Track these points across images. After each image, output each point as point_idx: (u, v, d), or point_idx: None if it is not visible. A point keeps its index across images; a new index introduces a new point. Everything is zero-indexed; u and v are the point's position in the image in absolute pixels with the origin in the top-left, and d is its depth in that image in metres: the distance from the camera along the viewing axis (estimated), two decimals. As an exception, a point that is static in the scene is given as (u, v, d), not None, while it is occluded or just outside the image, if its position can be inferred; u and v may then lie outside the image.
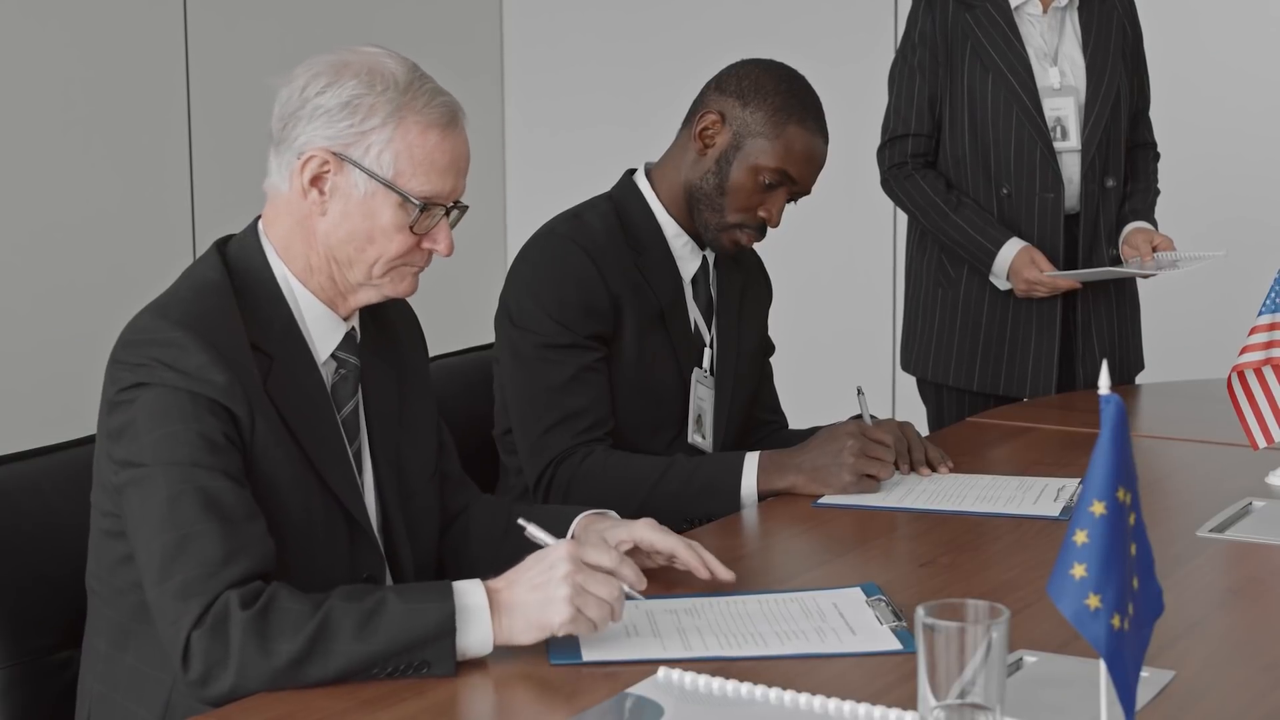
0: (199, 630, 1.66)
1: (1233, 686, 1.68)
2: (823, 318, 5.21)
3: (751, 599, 1.93)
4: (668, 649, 1.76)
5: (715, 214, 2.49)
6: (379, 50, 1.89)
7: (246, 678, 1.65)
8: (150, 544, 1.71)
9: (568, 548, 1.75)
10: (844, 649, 1.77)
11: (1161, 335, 3.86)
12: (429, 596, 1.69)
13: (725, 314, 2.63)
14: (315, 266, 1.89)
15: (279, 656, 1.64)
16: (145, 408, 1.75)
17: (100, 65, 4.47)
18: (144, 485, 1.73)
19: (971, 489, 2.44)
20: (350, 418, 1.93)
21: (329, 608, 1.66)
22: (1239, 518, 2.29)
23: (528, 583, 1.72)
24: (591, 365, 2.44)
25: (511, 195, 5.75)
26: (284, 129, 1.86)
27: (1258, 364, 2.46)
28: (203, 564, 1.68)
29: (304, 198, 1.85)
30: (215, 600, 1.67)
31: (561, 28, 5.61)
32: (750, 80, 2.49)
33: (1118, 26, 3.37)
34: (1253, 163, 4.69)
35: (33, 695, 1.93)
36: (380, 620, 1.66)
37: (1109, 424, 1.30)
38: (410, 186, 1.85)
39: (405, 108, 1.84)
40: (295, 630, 1.65)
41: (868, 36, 5.08)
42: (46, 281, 4.36)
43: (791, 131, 2.46)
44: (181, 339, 1.76)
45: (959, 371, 3.38)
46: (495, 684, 1.69)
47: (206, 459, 1.73)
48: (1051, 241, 3.29)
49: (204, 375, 1.75)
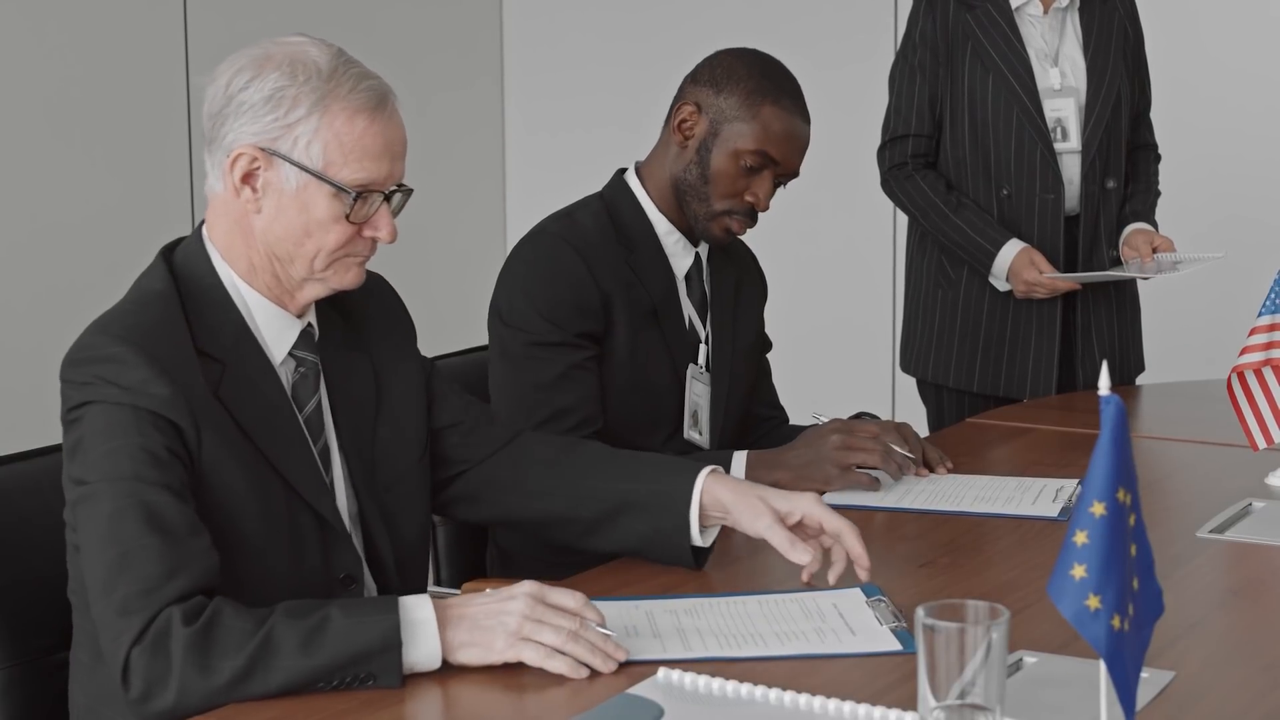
0: (139, 647, 1.64)
1: (1232, 687, 1.68)
2: (823, 318, 5.21)
3: (751, 599, 1.93)
4: (667, 649, 1.75)
5: (702, 203, 2.50)
6: (302, 39, 1.86)
7: (187, 695, 1.63)
8: (94, 560, 1.70)
9: (532, 587, 1.72)
10: (844, 650, 1.76)
11: (1161, 336, 3.86)
12: (373, 611, 1.66)
13: (720, 310, 2.63)
14: (258, 266, 1.86)
15: (220, 674, 1.62)
16: (91, 425, 1.74)
17: (100, 65, 4.47)
18: (90, 502, 1.72)
19: (970, 489, 2.44)
20: (314, 416, 1.90)
21: (272, 624, 1.64)
22: (1239, 518, 2.29)
23: (482, 607, 1.71)
24: (581, 364, 2.44)
25: (511, 196, 5.75)
26: (213, 128, 1.83)
27: (1258, 365, 2.46)
28: (142, 580, 1.66)
29: (237, 196, 1.83)
30: (156, 617, 1.65)
31: (561, 29, 5.61)
32: (723, 68, 2.50)
33: (1119, 27, 3.37)
34: (1253, 163, 4.69)
35: (32, 696, 1.93)
36: (324, 635, 1.64)
37: (1109, 425, 1.30)
38: (342, 176, 1.81)
39: (330, 95, 1.80)
40: (238, 648, 1.63)
41: (868, 37, 5.09)
42: (46, 281, 4.36)
43: (767, 112, 2.46)
44: (121, 354, 1.74)
45: (959, 372, 3.38)
46: (495, 684, 1.69)
47: (149, 474, 1.71)
48: (1051, 243, 3.29)
49: (145, 389, 1.73)
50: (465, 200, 5.61)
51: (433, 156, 5.50)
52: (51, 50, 4.36)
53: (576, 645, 1.69)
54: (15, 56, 4.28)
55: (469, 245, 5.47)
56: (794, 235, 5.20)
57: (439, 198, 5.50)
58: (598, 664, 1.69)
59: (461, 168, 5.61)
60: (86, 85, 4.44)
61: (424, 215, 5.43)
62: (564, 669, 1.68)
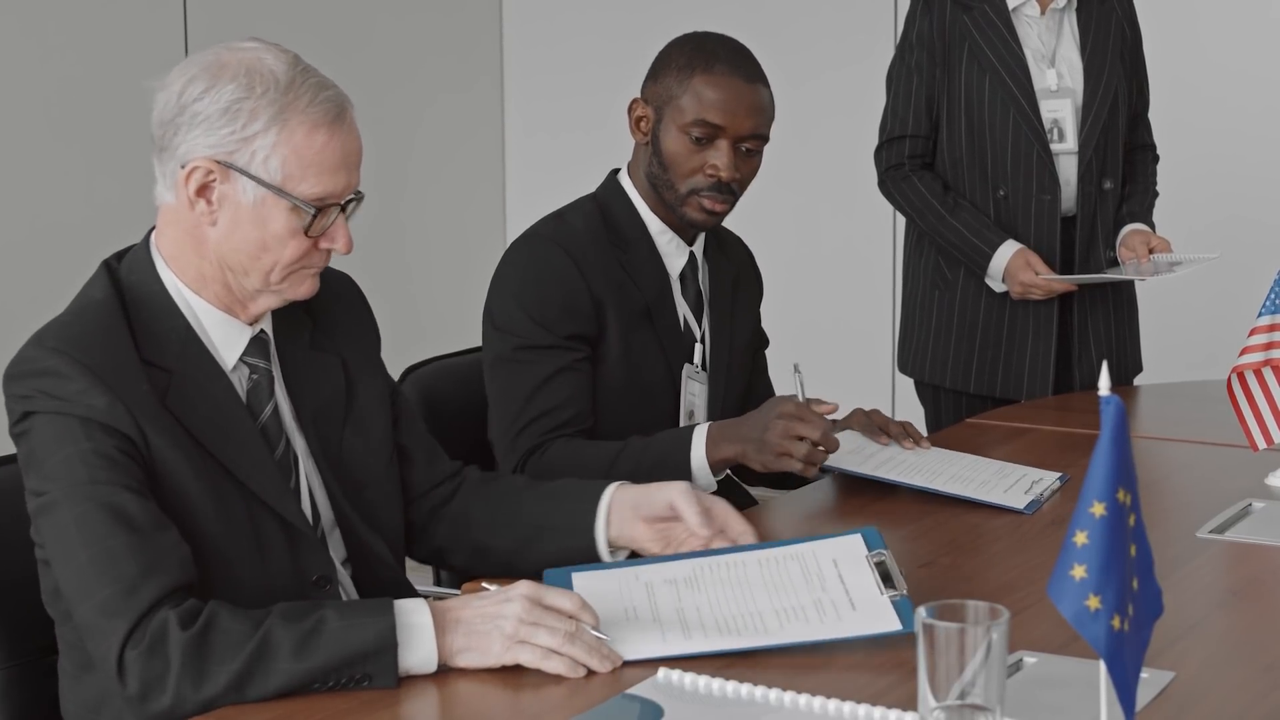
0: (135, 650, 1.64)
1: (1232, 687, 1.68)
2: (823, 318, 5.21)
3: (750, 558, 1.95)
4: (667, 641, 1.75)
5: (670, 190, 2.50)
6: (257, 45, 1.82)
7: (183, 699, 1.63)
8: (67, 567, 1.70)
9: (528, 589, 1.72)
10: (843, 632, 1.75)
11: (1160, 337, 3.86)
12: (368, 614, 1.67)
13: (717, 309, 2.63)
14: (208, 276, 1.84)
15: (217, 679, 1.63)
16: (39, 436, 1.73)
17: (100, 65, 4.47)
18: (52, 511, 1.71)
19: (950, 466, 2.47)
20: (272, 421, 1.89)
21: (268, 628, 1.64)
22: (1239, 519, 2.29)
23: (479, 610, 1.71)
24: (570, 366, 2.44)
25: (511, 198, 5.75)
26: (164, 136, 1.80)
27: (1257, 365, 2.46)
28: (120, 579, 1.66)
29: (191, 209, 1.80)
30: (145, 617, 1.65)
31: (561, 30, 5.61)
32: (659, 56, 2.54)
33: (1116, 28, 3.37)
34: (1252, 163, 4.70)
35: (32, 696, 1.93)
36: (319, 639, 1.64)
37: (1109, 425, 1.30)
38: (300, 190, 1.78)
39: (288, 109, 1.76)
40: (235, 653, 1.63)
41: (868, 38, 5.09)
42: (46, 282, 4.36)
43: (698, 81, 2.46)
44: (57, 365, 1.73)
45: (955, 373, 3.38)
46: (493, 684, 1.69)
47: (105, 475, 1.70)
48: (1048, 244, 3.28)
49: (83, 399, 1.72)
50: (465, 201, 5.61)
51: (433, 157, 5.50)
52: (51, 50, 4.36)
53: (573, 647, 1.68)
54: (15, 56, 4.28)
55: (469, 246, 5.47)
56: (794, 235, 5.21)
57: (439, 198, 5.50)
58: (595, 664, 1.69)
59: (461, 169, 5.61)
60: (86, 85, 4.44)
61: (424, 216, 5.46)
62: (562, 669, 1.68)
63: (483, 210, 5.67)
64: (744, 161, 2.49)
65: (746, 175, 2.51)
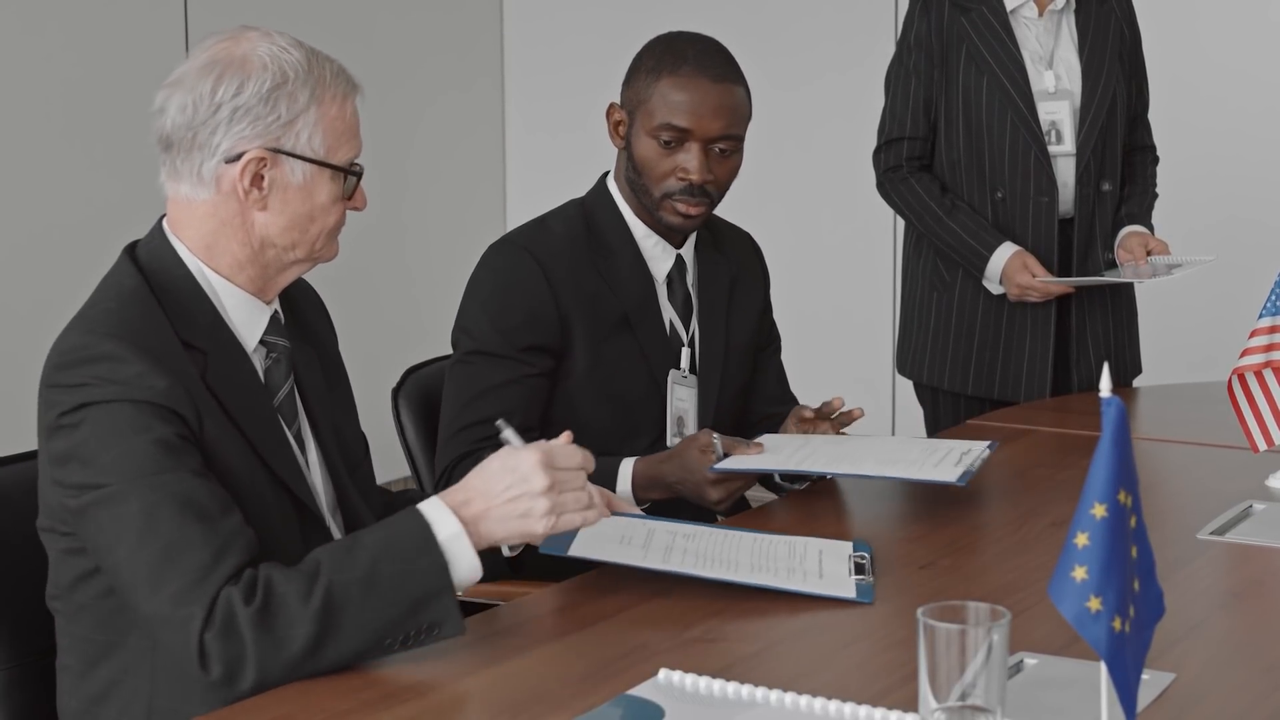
0: (210, 633, 1.65)
1: (1233, 689, 1.68)
2: (824, 319, 5.21)
3: (748, 535, 2.12)
4: (648, 559, 1.93)
5: (646, 194, 2.49)
6: (258, 35, 1.90)
7: (267, 671, 1.65)
8: (133, 559, 1.70)
9: (540, 456, 1.76)
10: (803, 588, 1.91)
11: (1160, 338, 3.86)
12: (416, 552, 1.71)
13: (708, 311, 2.59)
14: (244, 260, 1.88)
15: (293, 642, 1.66)
16: (93, 428, 1.73)
17: (100, 66, 4.47)
18: (113, 504, 1.71)
19: (876, 450, 2.38)
20: (286, 401, 1.93)
21: (327, 584, 1.67)
22: (1239, 520, 2.29)
23: (502, 495, 1.75)
24: (521, 378, 2.43)
25: (512, 198, 5.75)
26: (195, 136, 1.84)
27: (1258, 366, 2.46)
28: (192, 569, 1.68)
29: (244, 199, 1.85)
30: (216, 600, 1.66)
31: (561, 29, 5.62)
32: (633, 61, 2.52)
33: (1115, 30, 3.37)
34: (1252, 164, 4.70)
35: (32, 697, 1.93)
36: (380, 587, 1.68)
37: (1110, 426, 1.30)
38: (339, 159, 1.88)
39: (318, 86, 1.86)
40: (301, 612, 1.66)
41: (868, 40, 5.09)
42: (47, 282, 4.36)
43: (664, 84, 2.45)
44: (115, 350, 1.74)
45: (954, 375, 3.38)
46: (495, 685, 1.69)
47: (169, 463, 1.72)
48: (1046, 246, 3.28)
49: (144, 382, 1.73)
50: (465, 200, 5.61)
51: (433, 157, 5.50)
52: (51, 50, 4.37)
53: (591, 512, 1.80)
54: (15, 56, 4.29)
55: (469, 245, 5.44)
56: (794, 237, 5.21)
57: (439, 198, 5.50)
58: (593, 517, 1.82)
59: (461, 168, 5.62)
60: (86, 85, 4.44)
61: (425, 215, 5.46)
62: (593, 517, 1.81)
63: (483, 210, 5.67)
64: (718, 163, 2.46)
65: (723, 176, 2.48)
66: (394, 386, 2.70)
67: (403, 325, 5.21)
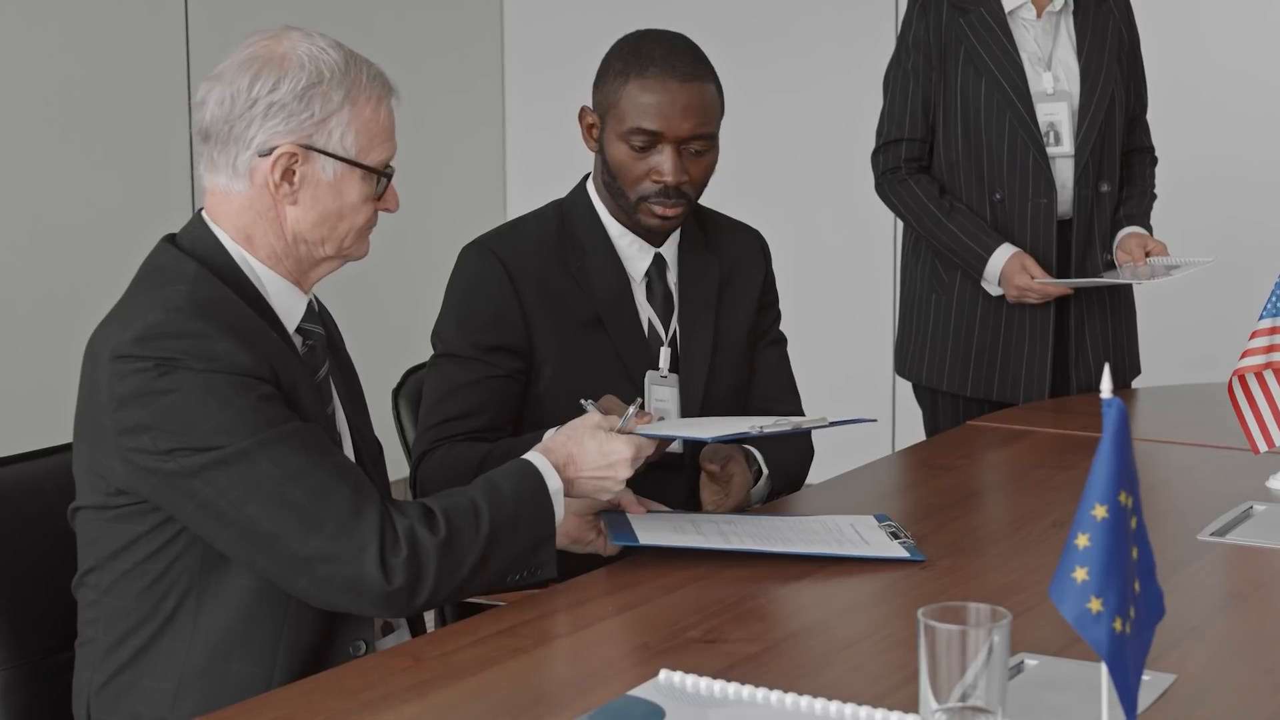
0: (397, 558, 1.78)
1: (1234, 690, 1.68)
2: (823, 320, 5.21)
3: (780, 518, 2.26)
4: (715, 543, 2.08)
5: (621, 198, 2.48)
6: (300, 35, 1.94)
7: (438, 591, 1.82)
8: (275, 511, 1.76)
9: (633, 451, 2.00)
10: (859, 552, 2.07)
11: (1159, 339, 3.86)
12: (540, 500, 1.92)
13: (692, 310, 2.55)
14: (280, 252, 1.93)
15: (464, 568, 1.84)
16: (189, 393, 1.77)
17: (101, 65, 4.47)
18: (236, 463, 1.76)
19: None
20: (323, 384, 1.98)
21: (490, 519, 1.86)
22: (1240, 521, 2.29)
23: (591, 469, 1.99)
24: (485, 379, 2.43)
25: (512, 198, 5.75)
26: (231, 129, 1.88)
27: (1258, 368, 2.46)
28: (342, 504, 1.77)
29: (274, 192, 1.89)
30: (383, 528, 1.78)
31: (561, 29, 5.62)
32: (600, 65, 2.52)
33: (1113, 31, 3.37)
34: (1251, 165, 4.70)
35: (33, 697, 1.93)
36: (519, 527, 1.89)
37: (1110, 427, 1.30)
38: (371, 160, 1.93)
39: (353, 88, 1.92)
40: (473, 542, 1.84)
41: (868, 41, 5.09)
42: (47, 282, 4.36)
43: (632, 88, 2.44)
44: (201, 328, 1.79)
45: (952, 377, 3.38)
46: (496, 686, 1.69)
47: (280, 414, 1.80)
48: (1044, 247, 3.28)
49: (233, 358, 1.79)
50: (465, 200, 5.61)
51: (433, 156, 5.51)
52: (51, 50, 4.37)
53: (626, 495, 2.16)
54: (15, 56, 4.29)
55: (468, 246, 5.47)
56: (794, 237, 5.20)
57: (440, 198, 5.50)
58: None
59: (461, 168, 5.62)
60: (87, 85, 4.44)
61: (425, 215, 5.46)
62: None
63: (483, 210, 5.67)
64: (692, 162, 2.44)
65: (697, 175, 2.45)
66: (394, 387, 2.70)
67: (403, 325, 5.21)
